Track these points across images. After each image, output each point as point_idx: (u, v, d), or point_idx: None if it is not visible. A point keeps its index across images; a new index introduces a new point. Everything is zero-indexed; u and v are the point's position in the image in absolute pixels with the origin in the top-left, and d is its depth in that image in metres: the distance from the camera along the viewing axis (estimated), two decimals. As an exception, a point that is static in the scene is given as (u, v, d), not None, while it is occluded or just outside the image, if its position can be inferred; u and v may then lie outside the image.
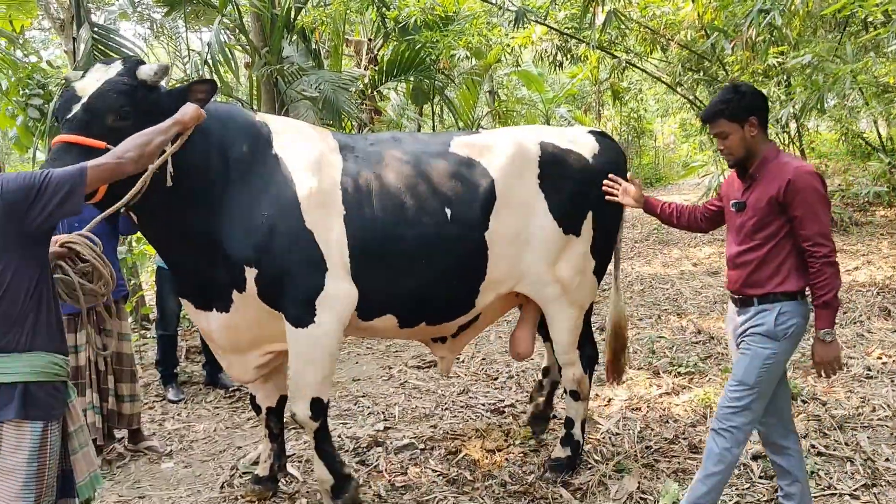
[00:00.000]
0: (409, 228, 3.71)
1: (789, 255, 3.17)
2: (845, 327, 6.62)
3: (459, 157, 3.95)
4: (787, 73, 10.18)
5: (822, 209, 3.08)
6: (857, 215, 12.22)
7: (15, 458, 2.44)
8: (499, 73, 18.17)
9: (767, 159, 3.19)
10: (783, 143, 11.92)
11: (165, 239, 3.64)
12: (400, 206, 3.72)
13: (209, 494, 4.21)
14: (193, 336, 7.47)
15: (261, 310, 3.60)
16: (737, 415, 3.21)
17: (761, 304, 3.19)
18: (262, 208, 3.52)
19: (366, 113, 11.79)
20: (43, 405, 2.50)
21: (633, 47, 12.51)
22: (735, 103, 3.17)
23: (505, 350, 6.77)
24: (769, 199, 3.12)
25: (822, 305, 3.10)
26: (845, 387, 5.20)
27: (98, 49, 7.23)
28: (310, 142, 3.78)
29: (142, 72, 3.24)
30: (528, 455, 4.45)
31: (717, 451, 3.22)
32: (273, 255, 3.49)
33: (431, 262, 3.78)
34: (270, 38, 9.35)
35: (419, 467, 4.37)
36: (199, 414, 5.61)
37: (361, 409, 5.41)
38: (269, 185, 3.57)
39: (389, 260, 3.71)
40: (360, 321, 3.79)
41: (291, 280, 3.54)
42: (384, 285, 3.74)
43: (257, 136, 3.67)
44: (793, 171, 3.09)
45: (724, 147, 3.25)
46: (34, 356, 2.49)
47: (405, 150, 3.92)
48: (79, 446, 2.68)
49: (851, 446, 4.29)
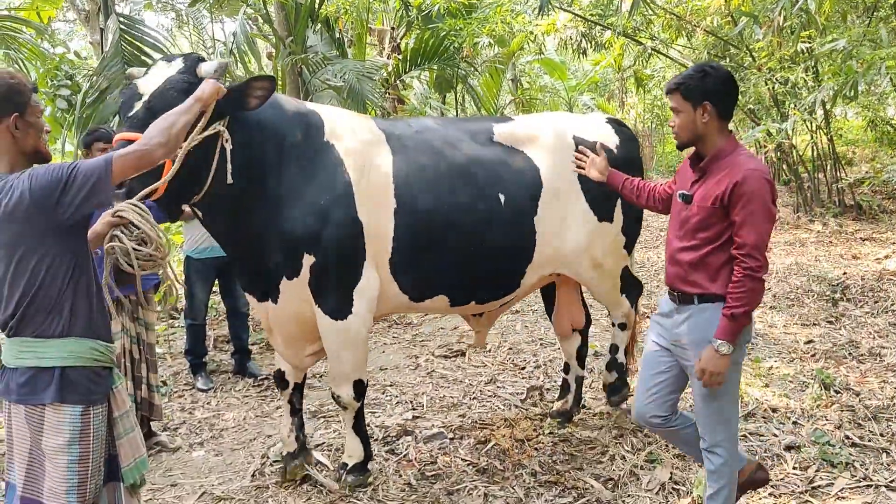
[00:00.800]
0: (465, 215, 3.90)
1: (727, 262, 2.94)
2: (878, 316, 6.54)
3: (504, 146, 4.17)
4: (816, 58, 10.04)
5: (764, 219, 2.86)
6: (887, 203, 12.05)
7: (56, 441, 2.49)
8: (521, 60, 18.08)
9: (722, 154, 2.97)
10: (810, 131, 11.77)
11: (229, 233, 3.76)
12: (454, 195, 3.89)
13: (240, 483, 4.24)
14: (222, 325, 7.53)
15: (303, 300, 3.73)
16: (719, 429, 3.09)
17: (702, 303, 3.00)
18: (320, 196, 3.64)
19: (389, 102, 11.79)
20: (82, 389, 2.53)
21: (658, 34, 12.38)
22: (693, 83, 2.95)
23: (531, 339, 6.77)
24: (714, 199, 2.90)
25: (730, 317, 2.87)
26: (879, 377, 5.14)
27: (125, 39, 7.27)
28: (358, 130, 3.90)
29: (202, 69, 3.31)
30: (558, 444, 4.44)
31: (715, 468, 3.12)
32: (328, 243, 3.64)
33: (484, 247, 3.99)
34: (295, 27, 9.36)
35: (449, 456, 4.37)
36: (228, 403, 5.65)
37: (389, 399, 5.43)
38: (324, 172, 3.69)
39: (444, 246, 3.90)
40: (412, 303, 4.03)
41: (337, 270, 3.70)
42: (438, 270, 3.96)
43: (308, 124, 3.76)
44: (743, 172, 2.86)
45: (674, 125, 3.06)
46: (72, 342, 2.53)
47: (450, 136, 4.07)
48: (124, 431, 2.71)
49: (887, 437, 4.24)
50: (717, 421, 3.09)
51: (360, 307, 3.76)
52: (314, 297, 3.72)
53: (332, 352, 3.86)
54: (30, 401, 2.49)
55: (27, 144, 2.56)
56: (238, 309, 6.26)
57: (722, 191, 2.89)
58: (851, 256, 9.07)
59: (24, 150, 2.56)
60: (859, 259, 8.89)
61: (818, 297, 7.29)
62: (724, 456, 3.10)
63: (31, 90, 2.60)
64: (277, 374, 4.23)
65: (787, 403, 4.78)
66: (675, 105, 3.03)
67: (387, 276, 3.88)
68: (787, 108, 11.48)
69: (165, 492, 4.20)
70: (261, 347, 7.04)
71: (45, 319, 2.50)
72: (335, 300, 3.72)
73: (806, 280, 7.92)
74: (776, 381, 5.20)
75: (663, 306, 3.27)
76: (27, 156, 2.58)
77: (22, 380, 2.49)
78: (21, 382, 2.49)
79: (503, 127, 4.31)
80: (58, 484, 2.49)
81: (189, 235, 6.00)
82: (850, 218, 11.30)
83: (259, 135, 3.56)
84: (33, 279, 2.47)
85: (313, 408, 5.35)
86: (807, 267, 8.61)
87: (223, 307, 6.54)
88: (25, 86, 2.57)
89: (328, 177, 3.69)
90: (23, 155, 2.57)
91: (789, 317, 6.77)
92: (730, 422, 3.12)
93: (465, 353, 6.50)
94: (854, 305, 6.95)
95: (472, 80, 14.16)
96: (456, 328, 7.36)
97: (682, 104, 3.00)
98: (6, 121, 2.50)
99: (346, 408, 4.01)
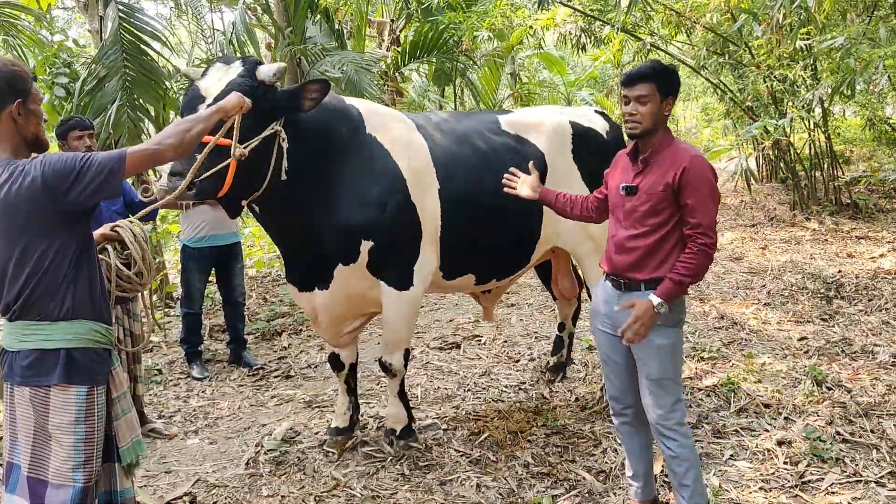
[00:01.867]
0: (491, 198, 4.17)
1: (678, 244, 3.09)
2: (871, 314, 6.57)
3: (512, 135, 4.53)
4: (815, 56, 10.05)
5: (712, 200, 3.03)
6: (883, 202, 12.09)
7: (62, 421, 2.53)
8: (521, 55, 18.06)
9: (663, 145, 3.12)
10: (808, 129, 11.78)
11: (283, 228, 3.98)
12: (481, 179, 4.21)
13: (234, 471, 4.26)
14: (217, 314, 7.54)
15: (360, 279, 4.00)
16: (673, 412, 3.17)
17: (648, 290, 3.10)
18: (372, 185, 3.89)
19: (388, 94, 11.77)
20: (86, 370, 2.58)
21: (657, 30, 12.37)
22: (668, 76, 3.10)
23: (527, 333, 6.79)
24: (665, 186, 3.04)
25: (677, 282, 2.99)
26: (871, 374, 5.17)
27: (124, 28, 7.24)
28: (394, 122, 4.18)
29: (261, 72, 3.46)
30: (551, 437, 4.46)
31: (675, 453, 3.18)
32: (386, 228, 3.90)
33: (506, 226, 4.36)
34: (294, 18, 9.34)
35: (442, 447, 4.40)
36: (223, 391, 5.67)
37: (384, 389, 5.44)
38: (373, 164, 3.94)
39: (474, 226, 4.25)
40: (444, 281, 4.37)
41: (398, 250, 4.00)
42: (469, 249, 4.32)
43: (350, 119, 3.99)
44: (689, 158, 3.03)
45: (638, 113, 3.08)
46: (77, 324, 2.57)
47: (467, 127, 4.41)
48: (122, 412, 2.76)
49: (878, 434, 4.26)
50: (669, 401, 3.17)
51: (419, 280, 4.09)
52: (378, 273, 4.00)
53: (391, 321, 4.15)
54: (35, 382, 2.53)
55: (28, 131, 2.59)
56: (234, 298, 6.28)
57: (672, 177, 3.03)
58: (847, 255, 9.10)
59: (25, 137, 2.59)
60: (854, 257, 8.93)
61: (813, 294, 7.32)
62: (678, 438, 3.18)
63: (32, 78, 2.63)
64: (332, 357, 4.53)
65: (779, 399, 4.80)
66: (646, 93, 3.07)
67: (437, 252, 4.19)
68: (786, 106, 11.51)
69: (160, 478, 4.22)
70: (256, 337, 7.06)
71: (49, 303, 2.54)
72: (399, 274, 4.03)
73: (801, 278, 7.95)
74: (769, 377, 5.22)
75: (602, 295, 3.37)
76: (28, 143, 2.61)
77: (26, 362, 2.53)
78: (25, 365, 2.53)
79: (507, 117, 4.66)
80: (63, 463, 2.53)
81: (187, 224, 6.00)
82: (846, 216, 11.33)
83: (311, 132, 3.74)
84: (39, 265, 2.51)
85: (307, 398, 5.37)
86: (802, 265, 8.64)
87: (219, 296, 6.54)
88: (27, 73, 2.61)
89: (378, 165, 3.93)
90: (25, 142, 2.59)
91: (783, 314, 6.79)
92: (680, 401, 3.21)
93: (460, 345, 6.52)
94: (848, 303, 6.98)
95: (470, 73, 14.14)
96: (451, 321, 7.39)
97: (655, 94, 3.08)
98: (10, 107, 2.52)
99: (396, 375, 4.30)
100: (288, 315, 7.69)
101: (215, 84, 3.39)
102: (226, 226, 5.96)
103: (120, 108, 6.93)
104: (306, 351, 6.66)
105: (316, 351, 6.60)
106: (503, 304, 7.92)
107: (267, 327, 7.30)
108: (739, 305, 7.17)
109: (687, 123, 29.58)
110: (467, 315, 7.55)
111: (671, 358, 3.15)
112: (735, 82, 12.68)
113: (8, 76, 2.51)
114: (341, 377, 4.55)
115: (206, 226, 5.91)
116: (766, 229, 11.35)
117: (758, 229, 11.39)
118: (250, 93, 3.27)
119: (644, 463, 3.51)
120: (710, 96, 16.37)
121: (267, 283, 9.40)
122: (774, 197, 14.09)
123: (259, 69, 3.46)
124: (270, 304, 8.16)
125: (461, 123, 4.48)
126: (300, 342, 6.96)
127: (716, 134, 20.84)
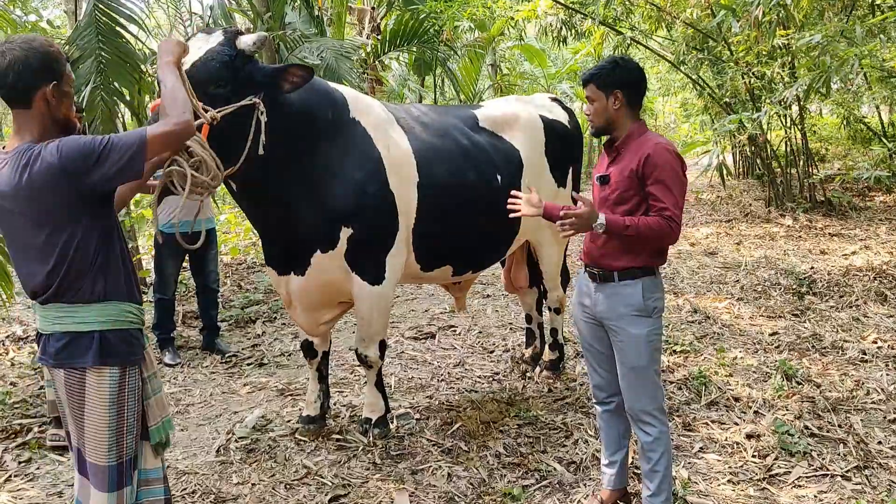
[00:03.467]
0: (471, 192, 4.29)
1: None
2: (842, 311, 6.65)
3: (490, 131, 4.62)
4: (793, 54, 10.13)
5: (677, 185, 3.06)
6: (856, 200, 12.24)
7: (97, 401, 2.57)
8: (501, 46, 18.03)
9: (632, 136, 3.18)
10: (785, 126, 11.88)
11: (262, 209, 3.91)
12: (463, 173, 4.29)
13: (205, 458, 4.22)
14: (190, 301, 7.48)
15: (335, 269, 3.96)
16: (651, 399, 3.21)
17: (622, 280, 3.17)
18: (355, 170, 3.87)
19: (367, 82, 11.70)
20: (119, 351, 2.60)
21: (637, 24, 12.40)
22: (606, 73, 3.16)
23: (501, 324, 6.80)
24: (630, 173, 3.10)
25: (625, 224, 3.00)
26: (840, 370, 5.23)
27: (99, 9, 7.12)
28: (376, 109, 4.16)
29: (241, 41, 3.41)
30: (523, 427, 4.47)
31: (652, 438, 3.22)
32: (366, 215, 3.89)
33: (485, 220, 4.40)
34: (273, 3, 9.24)
35: (414, 437, 4.39)
36: (195, 378, 5.62)
37: (357, 378, 5.43)
38: (356, 148, 3.91)
39: (455, 220, 4.30)
40: (422, 272, 4.38)
41: (375, 240, 3.98)
42: (448, 241, 4.36)
43: (335, 102, 3.95)
44: (652, 146, 3.08)
45: (588, 113, 3.25)
46: (107, 305, 2.58)
47: (446, 122, 4.45)
48: (152, 391, 2.78)
49: (845, 428, 4.32)
50: (647, 389, 3.21)
51: (391, 273, 4.07)
52: (352, 265, 3.96)
53: (365, 315, 4.14)
54: (69, 364, 2.55)
55: (60, 113, 2.56)
56: (208, 285, 6.22)
57: (636, 164, 3.08)
58: (819, 251, 9.20)
59: (56, 119, 2.56)
60: (827, 254, 9.03)
61: (785, 290, 7.39)
62: (657, 424, 3.22)
63: (66, 59, 2.60)
64: (305, 343, 4.50)
65: (749, 393, 4.85)
66: (590, 94, 3.23)
67: (408, 246, 4.17)
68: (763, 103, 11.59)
69: (128, 465, 4.18)
70: (230, 325, 7.01)
71: (81, 286, 2.54)
72: (372, 267, 4.01)
73: (774, 273, 8.03)
74: (740, 371, 5.27)
75: (582, 287, 3.41)
76: (59, 125, 2.58)
77: (59, 345, 2.55)
78: (59, 347, 2.55)
79: (483, 112, 4.75)
80: (98, 442, 2.59)
81: (161, 210, 5.91)
82: (820, 213, 11.47)
83: (296, 112, 3.68)
84: (65, 250, 2.50)
85: (280, 386, 5.34)
86: (775, 260, 8.72)
87: (193, 283, 6.47)
88: (62, 54, 2.57)
89: (361, 152, 3.91)
90: (55, 124, 2.56)
91: (756, 308, 6.86)
92: (657, 387, 3.24)
93: (434, 335, 6.52)
94: (819, 299, 7.06)
95: (451, 63, 14.11)
96: (427, 311, 7.38)
97: (596, 93, 3.19)
98: (44, 88, 2.49)
99: (372, 366, 4.32)
100: (262, 303, 7.64)
101: (194, 52, 3.33)
102: (201, 211, 5.86)
103: (94, 90, 6.81)
104: (280, 339, 6.62)
105: (290, 339, 6.56)
106: (478, 294, 7.93)
107: (241, 314, 7.25)
108: (713, 300, 7.23)
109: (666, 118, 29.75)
110: (442, 305, 7.54)
111: (647, 346, 3.16)
112: (714, 78, 12.75)
113: (43, 56, 2.47)
114: (313, 364, 4.53)
115: (182, 212, 5.82)
116: (740, 225, 11.45)
117: (733, 224, 11.50)
118: (229, 62, 3.28)
119: (622, 451, 3.55)
120: (689, 92, 16.43)
121: (242, 271, 9.33)
122: (750, 193, 14.22)
123: (239, 38, 3.41)
124: (245, 292, 8.10)
125: (441, 118, 4.49)
126: (274, 330, 6.92)
127: (694, 129, 20.94)
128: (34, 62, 2.46)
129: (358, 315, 4.19)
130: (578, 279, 3.49)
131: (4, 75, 2.45)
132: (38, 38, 2.55)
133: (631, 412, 3.27)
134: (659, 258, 3.25)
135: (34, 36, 2.57)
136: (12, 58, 2.44)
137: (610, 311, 3.21)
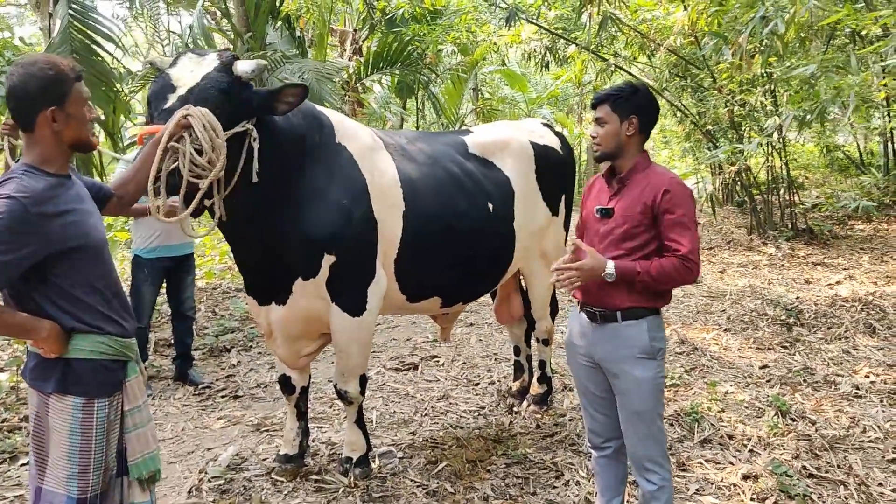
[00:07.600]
0: (461, 221, 4.16)
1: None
2: (831, 343, 6.54)
3: (480, 158, 4.50)
4: (775, 83, 10.13)
5: (693, 224, 2.95)
6: (837, 228, 12.24)
7: (60, 427, 2.51)
8: (483, 70, 18.01)
9: (638, 167, 3.04)
10: (766, 154, 11.88)
11: (247, 234, 3.69)
12: (453, 201, 4.15)
13: (175, 499, 3.99)
14: (164, 328, 7.22)
15: (316, 298, 3.78)
16: (655, 445, 3.04)
17: (626, 320, 2.98)
18: (340, 196, 3.71)
19: (349, 104, 11.57)
20: (84, 381, 2.53)
21: (620, 51, 12.41)
22: (625, 96, 3.03)
23: (486, 354, 6.62)
24: (643, 207, 2.94)
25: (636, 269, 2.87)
26: (834, 405, 5.10)
27: (74, 27, 6.94)
28: (362, 135, 4.03)
29: (238, 68, 3.25)
30: (511, 467, 4.28)
31: (656, 485, 3.04)
32: (349, 242, 3.73)
33: (477, 251, 4.31)
34: (254, 23, 9.10)
35: (398, 477, 4.18)
36: (167, 411, 5.37)
37: (337, 413, 5.21)
38: (342, 173, 3.77)
39: (443, 250, 4.14)
40: (408, 303, 4.21)
41: (356, 268, 3.81)
42: (436, 271, 4.19)
43: (322, 126, 3.81)
44: (668, 181, 2.95)
45: (598, 135, 3.07)
46: (78, 337, 2.52)
47: (436, 149, 4.31)
48: (133, 426, 2.67)
49: (844, 469, 4.17)
50: (652, 435, 3.03)
51: (372, 304, 3.89)
52: (332, 295, 3.79)
53: (344, 348, 3.96)
54: (37, 387, 2.54)
55: (66, 136, 2.51)
56: (183, 312, 5.98)
57: (651, 199, 2.93)
58: (804, 281, 9.13)
59: (63, 142, 2.52)
60: (812, 283, 8.96)
61: (773, 321, 7.28)
62: (661, 472, 3.04)
63: (74, 79, 2.51)
64: (283, 378, 4.28)
65: (743, 430, 4.70)
66: (602, 115, 3.06)
67: (391, 276, 4.00)
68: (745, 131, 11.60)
69: (93, 508, 3.93)
70: (203, 353, 6.75)
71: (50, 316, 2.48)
72: (352, 297, 3.83)
73: (760, 303, 7.92)
74: (732, 406, 5.12)
75: (577, 328, 3.21)
76: (68, 146, 2.54)
77: (31, 364, 2.56)
78: (31, 367, 2.56)
79: (472, 139, 4.61)
80: (60, 471, 2.52)
81: (138, 234, 5.67)
82: (801, 242, 11.43)
83: (283, 136, 3.54)
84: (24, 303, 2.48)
85: (256, 420, 5.11)
86: (761, 290, 8.63)
87: (165, 309, 6.22)
88: (67, 75, 2.49)
89: (346, 177, 3.77)
90: (62, 145, 2.52)
91: (744, 340, 6.73)
92: (660, 430, 3.06)
93: (417, 366, 6.31)
94: (808, 331, 6.95)
95: (433, 87, 14.02)
96: (409, 339, 7.18)
97: (610, 115, 3.04)
98: (44, 112, 2.44)
99: (352, 402, 4.12)
100: (238, 330, 7.39)
101: (188, 75, 3.19)
102: (179, 236, 5.61)
103: (67, 109, 6.62)
104: (256, 369, 6.38)
105: (266, 370, 6.33)
106: (462, 323, 7.74)
107: (215, 342, 6.98)
108: (700, 330, 7.10)
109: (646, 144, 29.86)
110: (425, 334, 7.34)
111: (652, 390, 2.99)
112: (695, 105, 12.76)
113: (40, 81, 2.43)
114: (291, 401, 4.30)
115: (159, 236, 5.61)
116: (723, 252, 11.39)
117: (715, 252, 11.43)
118: (227, 89, 3.16)
119: (619, 497, 3.37)
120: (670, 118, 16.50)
121: (217, 296, 9.06)
122: (731, 220, 14.21)
123: (236, 64, 3.26)
124: (220, 318, 7.85)
125: (429, 146, 4.36)
126: (250, 360, 6.68)
127: (672, 156, 21.01)
128: (32, 88, 2.43)
129: (337, 348, 4.00)
130: (571, 318, 3.29)
131: (7, 101, 2.48)
132: (39, 60, 2.50)
133: (634, 459, 3.09)
134: (667, 297, 3.09)
135: (35, 58, 2.53)
136: (10, 84, 2.44)
137: (611, 354, 3.03)
